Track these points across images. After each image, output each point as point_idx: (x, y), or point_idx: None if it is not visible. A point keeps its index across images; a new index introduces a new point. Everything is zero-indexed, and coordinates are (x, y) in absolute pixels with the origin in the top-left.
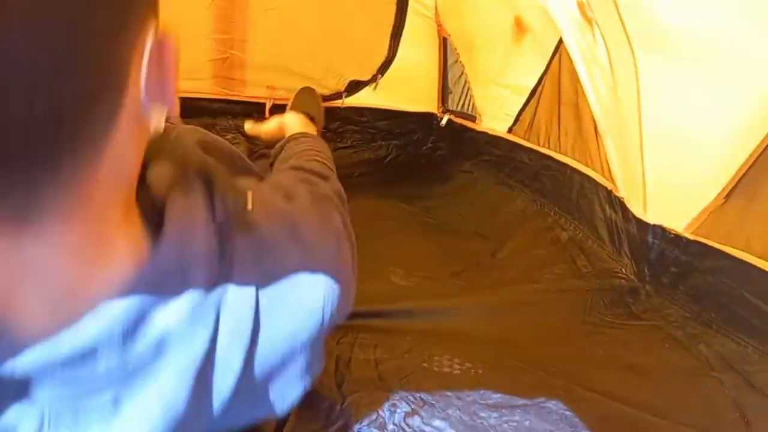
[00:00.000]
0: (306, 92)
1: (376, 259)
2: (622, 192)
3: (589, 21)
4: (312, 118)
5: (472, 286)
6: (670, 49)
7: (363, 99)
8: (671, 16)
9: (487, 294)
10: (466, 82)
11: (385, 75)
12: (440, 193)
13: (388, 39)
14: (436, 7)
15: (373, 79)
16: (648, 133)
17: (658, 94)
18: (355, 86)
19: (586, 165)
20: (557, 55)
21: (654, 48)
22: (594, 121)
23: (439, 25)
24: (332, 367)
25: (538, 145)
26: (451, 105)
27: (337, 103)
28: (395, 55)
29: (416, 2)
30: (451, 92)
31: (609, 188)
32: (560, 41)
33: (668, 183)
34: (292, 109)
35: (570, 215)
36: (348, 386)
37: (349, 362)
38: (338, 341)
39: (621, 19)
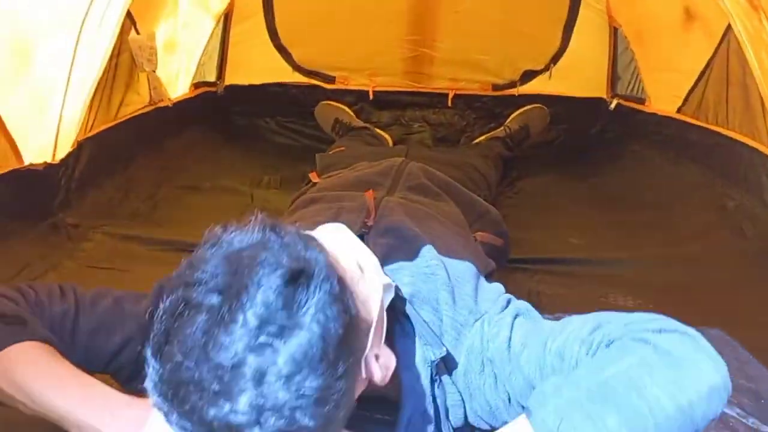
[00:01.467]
0: None
1: (553, 227)
2: None
3: (755, 8)
4: None
5: (641, 244)
6: None
7: (537, 86)
8: None
9: (655, 251)
10: (635, 68)
11: (558, 64)
12: (610, 171)
13: (561, 30)
14: (607, 0)
15: (546, 68)
16: None
17: None
18: (529, 76)
19: (753, 139)
20: (725, 39)
21: None
22: (761, 99)
23: (611, 16)
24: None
25: (707, 123)
26: (621, 90)
27: (513, 91)
28: (567, 45)
29: None
30: (620, 78)
31: None
32: (728, 27)
33: None
34: None
35: (737, 186)
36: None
37: (538, 294)
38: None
39: None
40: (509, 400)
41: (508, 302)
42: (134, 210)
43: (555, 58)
